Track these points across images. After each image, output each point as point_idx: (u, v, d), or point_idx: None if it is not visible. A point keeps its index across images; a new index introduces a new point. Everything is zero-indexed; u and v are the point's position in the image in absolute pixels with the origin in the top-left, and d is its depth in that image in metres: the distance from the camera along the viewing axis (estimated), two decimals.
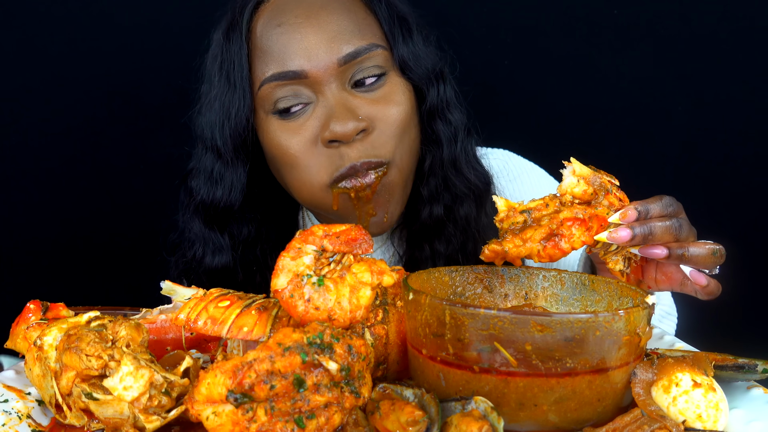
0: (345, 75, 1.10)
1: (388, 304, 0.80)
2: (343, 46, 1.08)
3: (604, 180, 0.88)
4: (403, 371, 0.81)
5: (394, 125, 1.11)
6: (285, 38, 1.09)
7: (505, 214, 0.88)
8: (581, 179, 0.87)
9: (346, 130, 1.06)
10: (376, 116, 1.10)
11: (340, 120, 1.06)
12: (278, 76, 1.09)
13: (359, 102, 1.10)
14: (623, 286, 0.84)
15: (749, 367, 0.78)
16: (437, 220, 1.21)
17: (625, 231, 0.84)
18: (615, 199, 0.88)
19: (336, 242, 0.78)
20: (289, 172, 1.13)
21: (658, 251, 0.87)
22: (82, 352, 0.73)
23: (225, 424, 0.65)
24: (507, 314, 0.68)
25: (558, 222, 0.86)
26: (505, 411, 0.69)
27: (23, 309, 0.88)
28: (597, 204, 0.87)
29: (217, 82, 1.16)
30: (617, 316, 0.69)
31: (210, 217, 1.20)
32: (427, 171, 1.20)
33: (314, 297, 0.76)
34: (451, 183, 1.21)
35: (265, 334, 0.78)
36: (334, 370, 0.67)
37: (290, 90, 1.09)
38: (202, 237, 1.22)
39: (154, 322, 0.92)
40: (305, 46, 1.08)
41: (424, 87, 1.17)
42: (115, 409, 0.71)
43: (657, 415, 0.70)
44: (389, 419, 0.69)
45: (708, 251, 0.88)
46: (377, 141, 1.09)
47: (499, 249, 0.86)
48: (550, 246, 0.85)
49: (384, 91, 1.12)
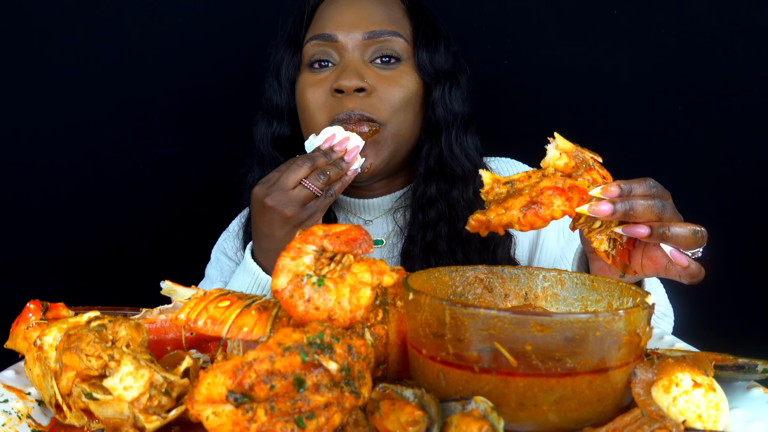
0: (366, 49, 1.36)
1: (388, 304, 0.80)
2: (371, 25, 1.36)
3: (587, 156, 0.92)
4: (403, 371, 0.81)
5: (393, 98, 1.34)
6: (330, 12, 1.40)
7: (489, 186, 0.93)
8: (563, 153, 0.91)
9: (349, 84, 1.31)
10: (379, 87, 1.34)
11: (346, 76, 1.32)
12: (317, 36, 1.38)
13: (370, 72, 1.35)
14: (623, 286, 0.84)
15: (749, 367, 0.78)
16: (430, 198, 1.39)
17: (606, 205, 0.88)
18: (597, 175, 0.91)
19: (336, 242, 0.78)
20: (302, 114, 1.40)
21: (641, 230, 0.90)
22: (82, 352, 0.73)
23: (225, 424, 0.65)
24: (507, 314, 0.68)
25: (538, 191, 0.89)
26: (505, 411, 0.69)
27: (23, 309, 0.88)
28: (578, 177, 0.91)
29: (285, 42, 1.45)
30: (617, 316, 0.69)
31: (271, 144, 1.46)
32: (425, 155, 1.41)
33: (314, 297, 0.76)
34: (446, 166, 1.39)
35: (265, 334, 0.78)
36: (334, 370, 0.67)
37: (322, 49, 1.38)
38: (270, 161, 1.46)
39: (154, 322, 0.92)
40: (341, 20, 1.37)
41: (433, 84, 1.39)
42: (115, 409, 0.71)
43: (657, 415, 0.70)
44: (389, 419, 0.69)
45: (689, 231, 0.91)
46: (375, 104, 1.33)
47: (483, 218, 0.90)
48: (530, 214, 0.88)
49: (394, 73, 1.36)
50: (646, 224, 0.90)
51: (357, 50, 1.36)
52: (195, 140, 1.83)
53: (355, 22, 1.36)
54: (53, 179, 1.81)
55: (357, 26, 1.36)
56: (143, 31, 1.78)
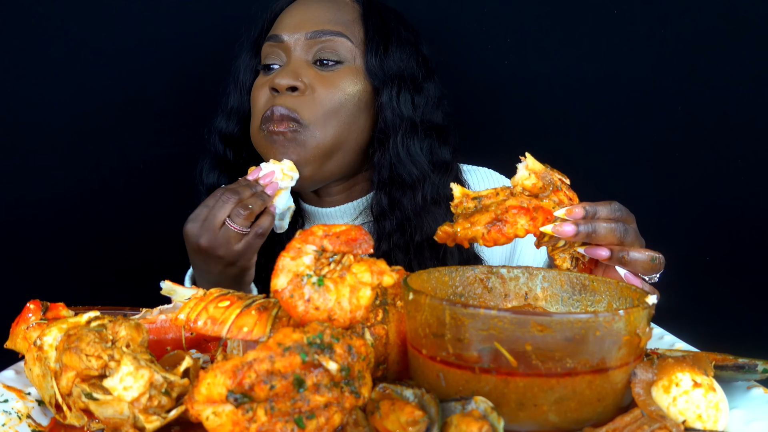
0: (310, 49, 1.36)
1: (388, 304, 0.80)
2: (314, 25, 1.37)
3: (555, 177, 0.95)
4: (403, 371, 0.81)
5: (327, 101, 1.33)
6: (283, 15, 1.42)
7: (459, 200, 0.96)
8: (532, 173, 0.94)
9: (281, 83, 1.32)
10: (316, 88, 1.33)
11: (280, 75, 1.33)
12: (269, 38, 1.40)
13: (310, 72, 1.35)
14: (623, 287, 0.84)
15: (749, 367, 0.78)
16: (383, 209, 1.39)
17: (570, 226, 0.92)
18: (564, 197, 0.94)
19: (336, 242, 0.78)
20: (252, 115, 1.41)
21: (602, 252, 0.94)
22: (82, 352, 0.73)
23: (225, 424, 0.65)
24: (507, 314, 0.68)
25: (504, 209, 0.92)
26: (505, 411, 0.69)
27: (23, 309, 0.88)
28: (545, 197, 0.94)
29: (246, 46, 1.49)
30: (617, 316, 0.69)
31: (219, 140, 1.49)
32: (377, 163, 1.38)
33: (314, 297, 0.76)
34: (395, 174, 1.37)
35: (265, 334, 0.78)
36: (334, 370, 0.67)
37: (272, 50, 1.39)
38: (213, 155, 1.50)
39: (154, 322, 0.92)
40: (289, 22, 1.39)
41: (381, 88, 1.37)
42: (115, 409, 0.71)
43: (657, 415, 0.70)
44: (389, 419, 0.69)
45: (647, 257, 0.95)
46: (304, 104, 1.32)
47: (450, 231, 0.94)
48: (495, 230, 0.92)
49: (335, 75, 1.35)
50: (607, 247, 0.94)
51: (300, 51, 1.36)
52: (195, 140, 1.82)
53: (300, 23, 1.37)
54: (53, 179, 1.81)
55: (301, 27, 1.36)
56: (143, 31, 1.77)
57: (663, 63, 1.73)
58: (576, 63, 1.76)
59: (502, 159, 1.62)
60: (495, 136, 1.77)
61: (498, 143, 1.77)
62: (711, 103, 1.74)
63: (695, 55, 1.72)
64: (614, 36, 1.74)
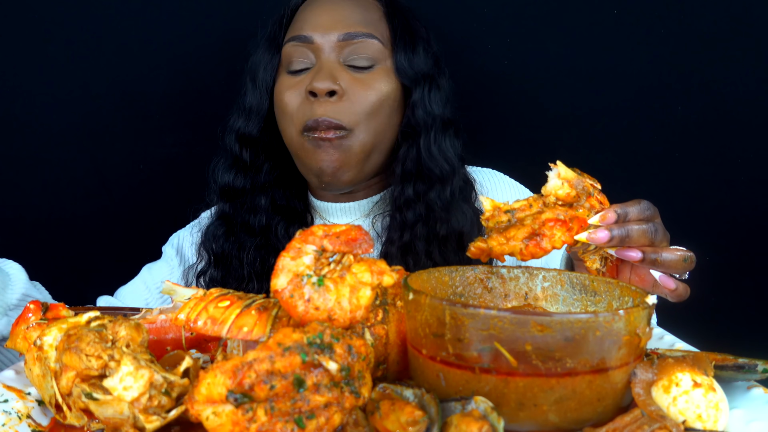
0: (342, 51, 1.35)
1: (388, 304, 0.80)
2: (347, 27, 1.35)
3: (587, 183, 0.92)
4: (403, 371, 0.81)
5: (365, 103, 1.33)
6: (307, 14, 1.39)
7: (490, 213, 0.93)
8: (565, 182, 0.92)
9: (321, 86, 1.31)
10: (352, 90, 1.33)
11: (320, 78, 1.32)
12: (294, 38, 1.38)
13: (345, 75, 1.34)
14: (623, 286, 0.84)
15: (749, 367, 0.78)
16: (407, 200, 1.39)
17: (604, 233, 0.90)
18: (596, 201, 0.92)
19: (336, 242, 0.78)
20: (280, 118, 1.39)
21: (633, 254, 0.93)
22: (82, 352, 0.73)
23: (225, 424, 0.65)
24: (507, 314, 0.68)
25: (540, 222, 0.90)
26: (505, 411, 0.69)
27: (23, 309, 0.88)
28: (579, 206, 0.92)
29: (264, 47, 1.46)
30: (617, 316, 0.69)
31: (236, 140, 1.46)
32: (402, 157, 1.40)
33: (314, 297, 0.76)
34: (425, 168, 1.39)
35: (265, 334, 0.78)
36: (334, 370, 0.67)
37: (299, 51, 1.37)
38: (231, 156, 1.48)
39: (154, 322, 0.92)
40: (318, 21, 1.37)
41: (412, 86, 1.39)
42: (115, 409, 0.71)
43: (657, 415, 0.70)
44: (389, 419, 0.69)
45: (679, 258, 0.95)
46: (345, 109, 1.32)
47: (484, 246, 0.90)
48: (532, 245, 0.89)
49: (368, 76, 1.35)
50: (638, 249, 0.94)
51: (332, 53, 1.35)
52: (196, 140, 1.82)
53: (331, 23, 1.36)
54: (53, 179, 1.81)
55: (333, 28, 1.35)
56: (143, 31, 1.77)
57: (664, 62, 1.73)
58: (576, 63, 1.76)
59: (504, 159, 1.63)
60: (494, 135, 1.77)
61: (498, 143, 1.77)
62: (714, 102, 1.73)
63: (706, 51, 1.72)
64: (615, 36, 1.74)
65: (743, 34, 1.71)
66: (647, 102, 1.75)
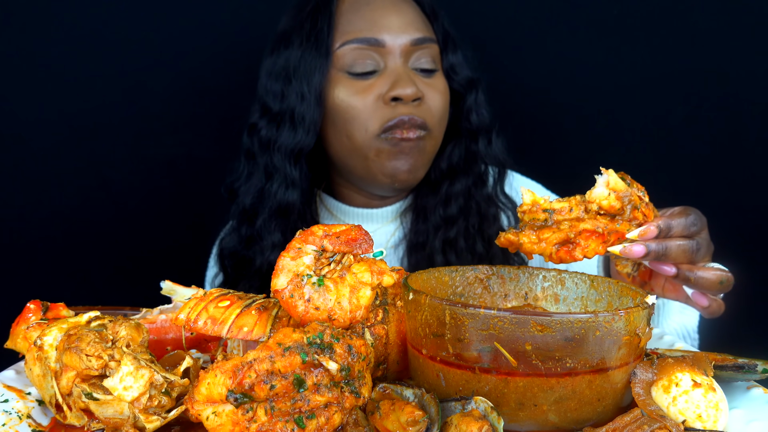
0: (409, 55, 1.34)
1: (388, 304, 0.80)
2: (416, 31, 1.34)
3: (635, 196, 0.86)
4: (403, 371, 0.81)
5: (439, 105, 1.35)
6: (371, 14, 1.34)
7: (528, 207, 0.88)
8: (612, 192, 0.85)
9: (409, 93, 1.29)
10: (428, 94, 1.34)
11: (405, 84, 1.30)
12: (360, 40, 1.32)
13: (417, 79, 1.33)
14: (623, 286, 0.84)
15: (749, 367, 0.78)
16: (455, 194, 1.41)
17: (640, 247, 0.84)
18: (640, 214, 0.86)
19: (336, 242, 0.78)
20: (349, 123, 1.33)
21: (668, 269, 0.89)
22: (82, 352, 0.73)
23: (225, 424, 0.65)
24: (507, 314, 0.68)
25: (577, 231, 0.85)
26: (505, 411, 0.69)
27: (23, 309, 0.88)
28: (621, 219, 0.85)
29: (304, 43, 1.35)
30: (617, 316, 0.69)
31: (288, 155, 1.36)
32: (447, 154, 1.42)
33: (314, 297, 0.76)
34: (476, 167, 1.43)
35: (265, 334, 0.78)
36: (334, 370, 0.67)
37: (364, 54, 1.32)
38: (282, 173, 1.37)
39: (154, 322, 0.92)
40: (387, 23, 1.33)
41: (463, 90, 1.42)
42: (115, 409, 0.71)
43: (657, 415, 0.70)
44: (389, 419, 0.69)
45: (715, 279, 0.89)
46: (426, 111, 1.33)
47: (515, 240, 0.87)
48: (564, 251, 0.85)
49: (435, 81, 1.36)
50: (674, 264, 0.89)
51: (401, 57, 1.32)
52: (196, 141, 1.82)
53: (402, 26, 1.33)
54: (53, 179, 1.81)
55: (404, 31, 1.32)
56: (144, 31, 1.77)
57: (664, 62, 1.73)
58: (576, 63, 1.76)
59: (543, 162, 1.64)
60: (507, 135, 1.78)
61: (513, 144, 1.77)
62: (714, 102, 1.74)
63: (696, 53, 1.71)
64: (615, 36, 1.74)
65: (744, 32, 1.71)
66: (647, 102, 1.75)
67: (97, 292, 1.72)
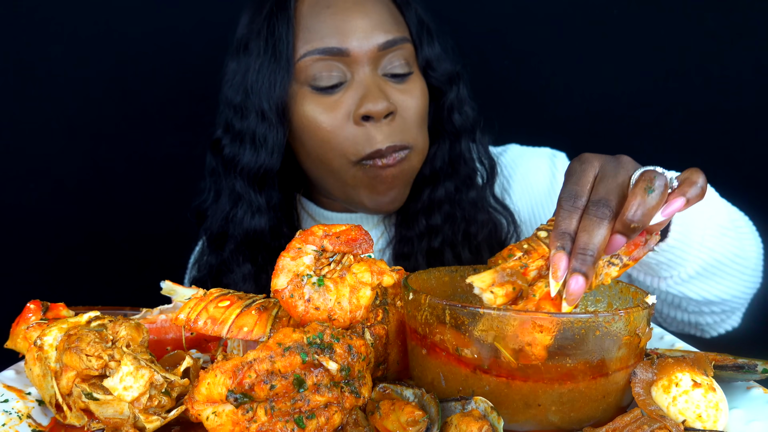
0: (379, 61, 1.19)
1: (388, 304, 0.80)
2: (384, 33, 1.18)
3: (514, 264, 0.77)
4: (403, 371, 0.81)
5: (416, 114, 1.21)
6: (333, 19, 1.17)
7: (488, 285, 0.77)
8: (491, 289, 0.76)
9: (379, 109, 1.15)
10: (402, 104, 1.19)
11: (374, 99, 1.15)
12: (322, 50, 1.17)
13: (389, 88, 1.19)
14: (623, 287, 0.84)
15: (749, 367, 0.78)
16: (438, 200, 1.29)
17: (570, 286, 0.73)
18: (538, 257, 0.78)
19: (336, 242, 0.78)
20: (320, 146, 1.20)
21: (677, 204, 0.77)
22: (82, 352, 0.73)
23: (225, 424, 0.65)
24: (507, 314, 0.69)
25: (535, 304, 0.76)
26: (505, 411, 0.69)
27: (23, 309, 0.88)
28: (531, 289, 0.77)
29: (262, 53, 1.21)
30: (617, 316, 0.69)
31: (251, 179, 1.24)
32: (430, 158, 1.29)
33: (314, 297, 0.76)
34: (459, 167, 1.29)
35: (265, 334, 0.78)
36: (334, 370, 0.67)
37: (328, 65, 1.17)
38: (246, 199, 1.26)
39: (154, 322, 0.92)
40: (351, 28, 1.17)
41: (443, 87, 1.27)
42: (115, 409, 0.71)
43: (657, 415, 0.70)
44: (389, 419, 0.69)
45: (699, 188, 0.80)
46: (403, 126, 1.19)
47: None
48: None
49: (409, 85, 1.21)
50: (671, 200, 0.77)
51: (369, 65, 1.17)
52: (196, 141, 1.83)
53: (367, 30, 1.17)
54: (54, 179, 1.81)
55: (369, 35, 1.17)
56: (144, 31, 1.78)
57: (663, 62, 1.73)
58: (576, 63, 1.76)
59: None
60: None
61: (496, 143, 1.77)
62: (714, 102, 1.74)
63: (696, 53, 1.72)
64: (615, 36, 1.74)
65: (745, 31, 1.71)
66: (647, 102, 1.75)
67: (97, 292, 1.72)
